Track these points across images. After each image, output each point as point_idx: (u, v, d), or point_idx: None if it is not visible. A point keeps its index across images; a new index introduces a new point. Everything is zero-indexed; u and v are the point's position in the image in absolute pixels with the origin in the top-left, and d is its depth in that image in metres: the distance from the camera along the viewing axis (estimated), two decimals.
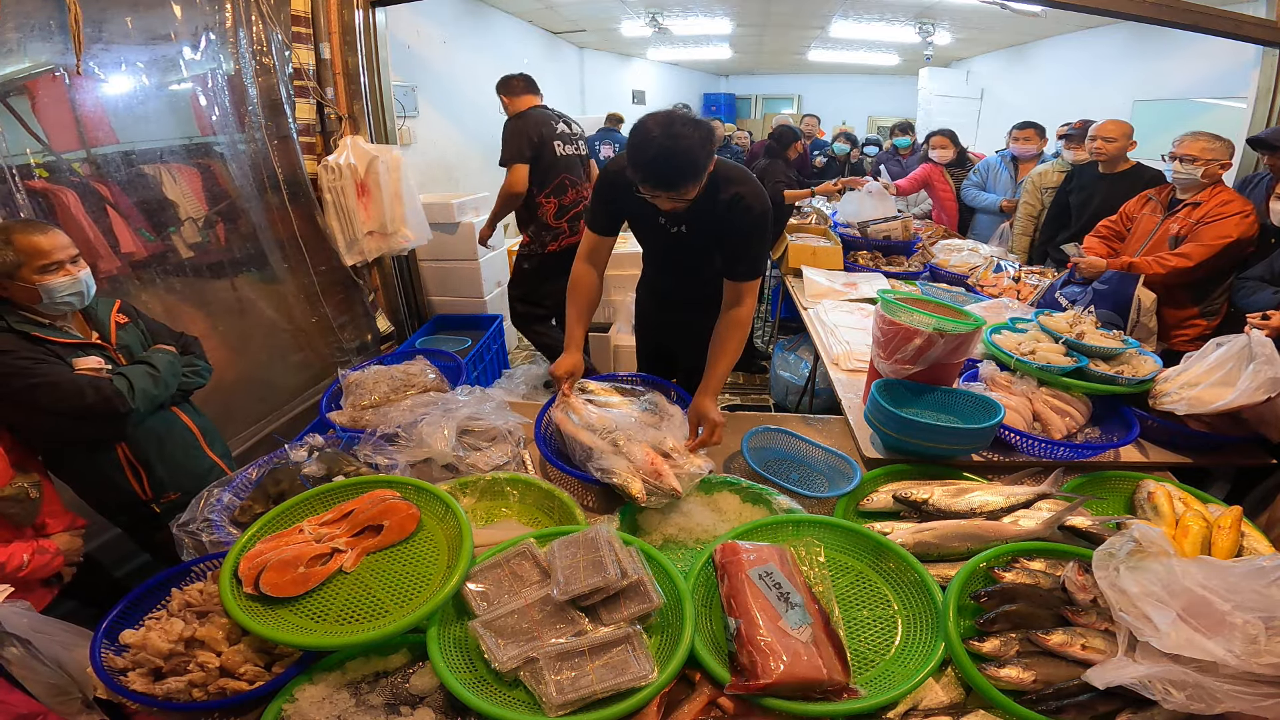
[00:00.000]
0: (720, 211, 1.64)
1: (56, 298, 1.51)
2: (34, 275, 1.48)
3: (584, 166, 3.25)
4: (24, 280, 1.47)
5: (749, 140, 6.97)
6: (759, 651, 0.95)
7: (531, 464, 1.67)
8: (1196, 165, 2.31)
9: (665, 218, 1.73)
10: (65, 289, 1.52)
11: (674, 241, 1.79)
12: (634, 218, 1.85)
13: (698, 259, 1.84)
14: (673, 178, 1.45)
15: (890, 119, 7.12)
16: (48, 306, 1.52)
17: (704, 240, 1.75)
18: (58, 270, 1.51)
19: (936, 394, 1.72)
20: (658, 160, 1.43)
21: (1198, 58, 4.59)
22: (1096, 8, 3.15)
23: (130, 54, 2.28)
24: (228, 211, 2.68)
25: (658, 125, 1.43)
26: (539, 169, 3.08)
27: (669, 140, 1.41)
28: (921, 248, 3.62)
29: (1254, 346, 1.57)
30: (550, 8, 6.24)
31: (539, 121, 3.06)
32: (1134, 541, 1.05)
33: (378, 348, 3.57)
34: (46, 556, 1.47)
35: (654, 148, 1.42)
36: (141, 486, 1.69)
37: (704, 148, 1.45)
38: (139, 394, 1.57)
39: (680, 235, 1.77)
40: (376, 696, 1.00)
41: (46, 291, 1.49)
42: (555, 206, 3.11)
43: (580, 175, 3.19)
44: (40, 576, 1.48)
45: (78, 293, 1.55)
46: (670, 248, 1.84)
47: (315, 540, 1.17)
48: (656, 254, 1.99)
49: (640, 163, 1.45)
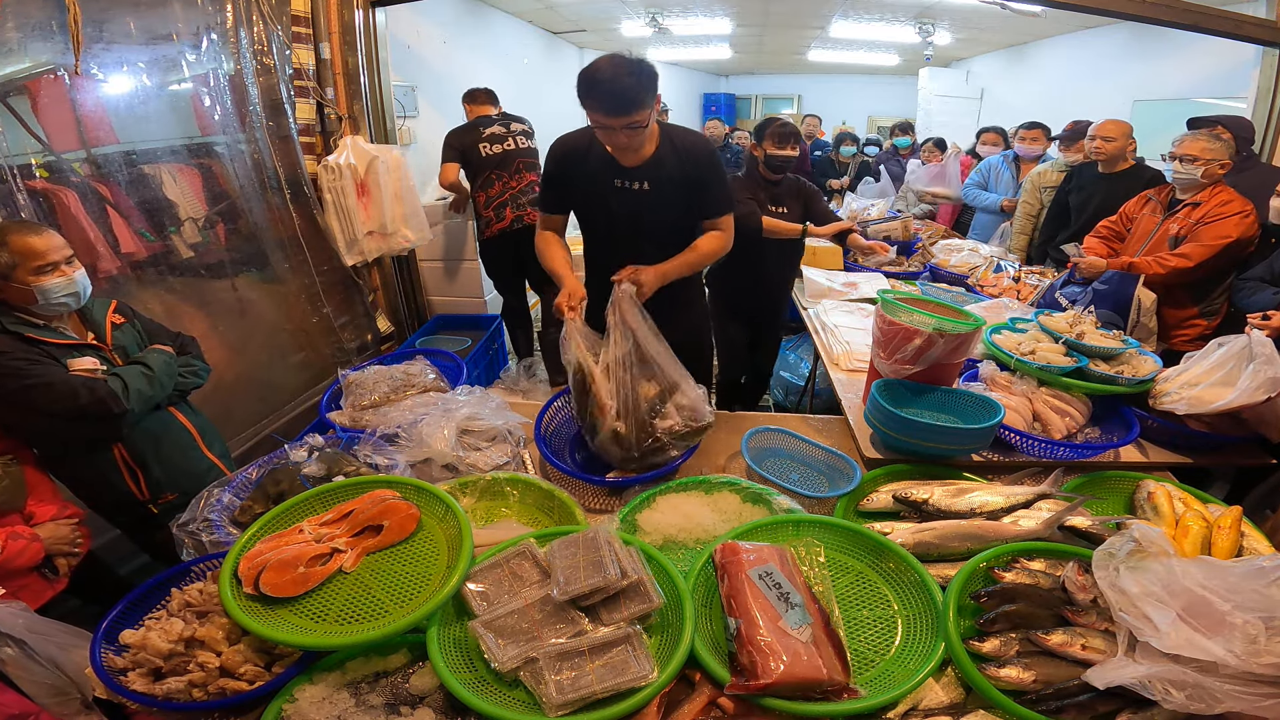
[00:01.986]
0: (680, 158, 1.78)
1: (52, 299, 1.51)
2: (29, 276, 1.48)
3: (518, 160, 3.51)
4: (19, 281, 1.47)
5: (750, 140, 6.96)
6: (759, 651, 0.94)
7: (531, 464, 1.67)
8: (1197, 165, 2.31)
9: (624, 178, 1.78)
10: (61, 290, 1.52)
11: (636, 202, 1.80)
12: (589, 192, 1.84)
13: (662, 215, 1.82)
14: (626, 97, 1.57)
15: (890, 119, 7.12)
16: (43, 308, 1.52)
17: (668, 190, 1.80)
18: (53, 271, 1.50)
19: (936, 394, 1.72)
20: (610, 83, 1.55)
21: (1198, 58, 4.59)
22: (1096, 8, 3.15)
23: (131, 54, 2.29)
24: (228, 211, 2.68)
25: (605, 61, 1.58)
26: (469, 169, 3.51)
27: (616, 68, 1.56)
28: (921, 248, 3.62)
29: (1254, 346, 1.57)
30: (550, 8, 6.24)
31: (466, 130, 3.50)
32: (1134, 541, 1.05)
33: (378, 348, 3.57)
34: (21, 543, 1.43)
35: (604, 74, 1.56)
36: (138, 487, 1.68)
37: (648, 74, 1.59)
38: (134, 394, 1.57)
39: (643, 192, 1.80)
40: (376, 696, 1.00)
41: (42, 293, 1.49)
42: (484, 198, 3.50)
43: (509, 168, 3.48)
44: (19, 565, 1.44)
45: (73, 293, 1.55)
46: (633, 213, 1.81)
47: (315, 540, 1.17)
48: (616, 222, 1.83)
49: (593, 90, 1.57)
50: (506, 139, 3.47)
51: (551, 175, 1.86)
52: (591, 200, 1.86)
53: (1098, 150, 2.96)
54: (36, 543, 1.48)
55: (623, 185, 1.79)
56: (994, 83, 7.98)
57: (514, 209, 3.44)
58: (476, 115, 3.56)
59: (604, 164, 1.78)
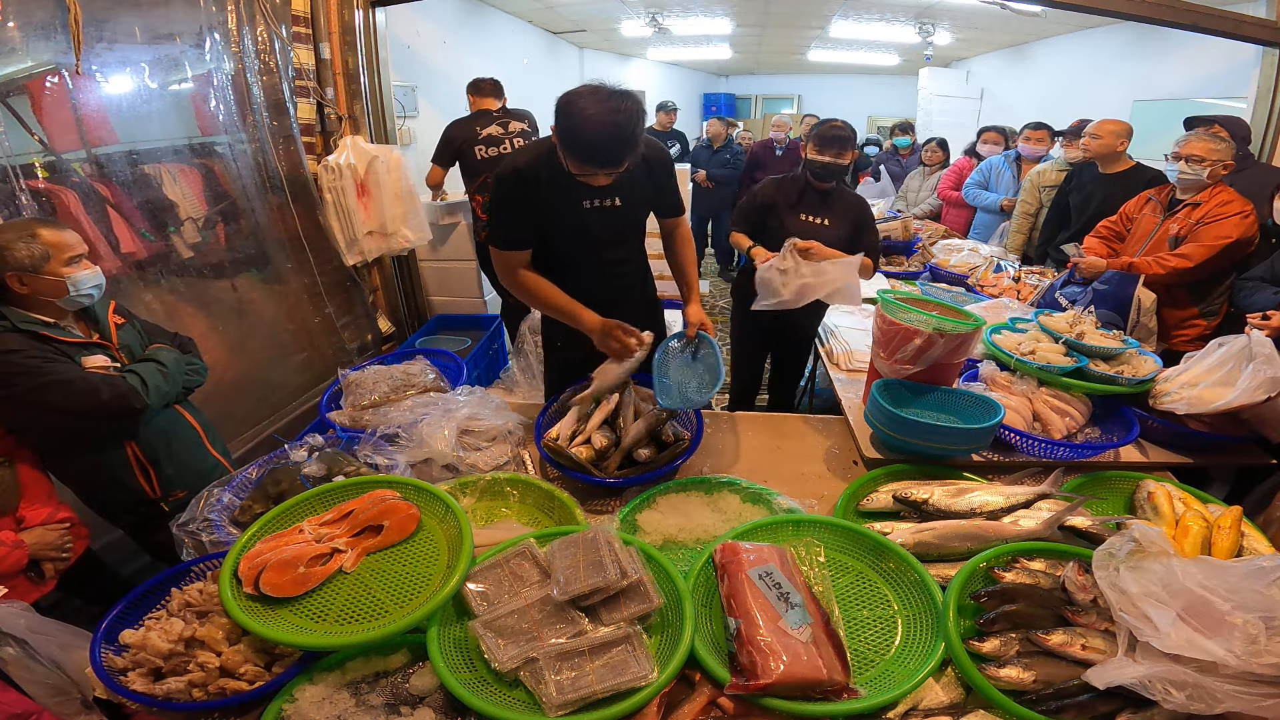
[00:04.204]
0: (648, 165, 1.67)
1: (83, 289, 1.54)
2: (62, 268, 1.50)
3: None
4: (51, 273, 1.48)
5: (750, 140, 6.97)
6: (759, 651, 0.95)
7: (531, 464, 1.67)
8: (1203, 166, 2.30)
9: (594, 197, 1.64)
10: (89, 280, 1.55)
11: (613, 220, 1.71)
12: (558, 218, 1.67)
13: (627, 225, 1.78)
14: (619, 153, 1.42)
15: (890, 119, 7.13)
16: (69, 301, 1.53)
17: (637, 201, 1.73)
18: (79, 263, 1.53)
19: (936, 394, 1.72)
20: (602, 138, 1.38)
21: (1198, 58, 4.58)
22: (1096, 8, 3.15)
23: (133, 53, 2.28)
24: (229, 211, 2.68)
25: (593, 102, 1.37)
26: (465, 171, 3.48)
27: (610, 115, 1.37)
28: (921, 248, 3.63)
29: (1254, 346, 1.57)
30: (550, 8, 6.24)
31: (465, 123, 3.43)
32: (1134, 541, 1.05)
33: (378, 348, 3.57)
34: (3, 550, 1.41)
35: (594, 125, 1.37)
36: (151, 485, 1.69)
37: (641, 116, 1.43)
38: (152, 390, 1.58)
39: (616, 209, 1.68)
40: (376, 696, 1.00)
41: (74, 284, 1.51)
42: (482, 201, 3.43)
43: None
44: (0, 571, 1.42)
45: (98, 285, 1.58)
46: (615, 232, 1.75)
47: (315, 540, 1.17)
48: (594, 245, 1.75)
49: (581, 143, 1.40)
50: (503, 141, 3.42)
51: (508, 209, 1.64)
52: (563, 227, 1.68)
53: (1085, 146, 2.99)
54: (19, 550, 1.45)
55: (594, 205, 1.66)
56: (994, 83, 7.97)
57: None
58: (479, 108, 3.51)
59: (567, 187, 1.60)
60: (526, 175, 1.60)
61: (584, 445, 1.57)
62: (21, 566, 1.47)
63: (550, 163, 1.56)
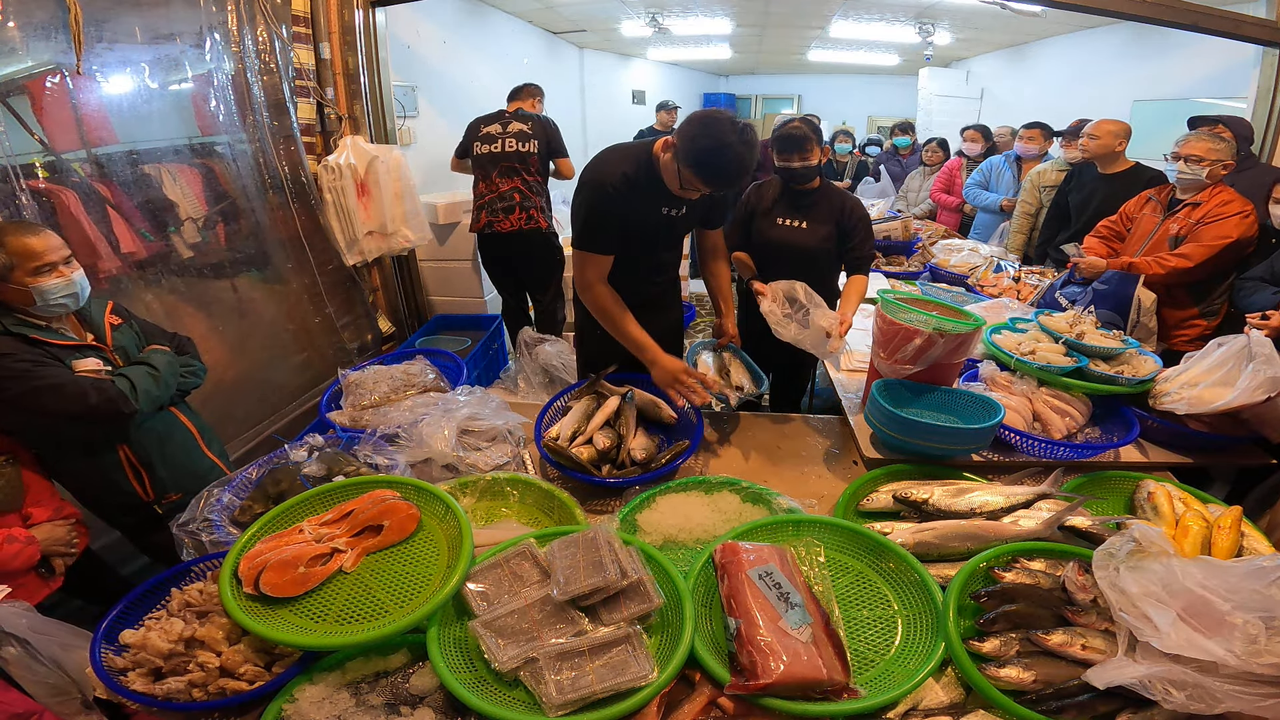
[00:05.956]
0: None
1: (50, 300, 1.50)
2: (26, 278, 1.46)
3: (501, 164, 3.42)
4: (16, 283, 1.46)
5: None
6: (759, 651, 0.95)
7: (531, 464, 1.67)
8: (1203, 166, 2.30)
9: (671, 205, 1.79)
10: (59, 291, 1.50)
11: (678, 226, 1.87)
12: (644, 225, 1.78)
13: (682, 232, 1.96)
14: (739, 179, 1.58)
15: (890, 119, 7.12)
16: (42, 309, 1.50)
17: (697, 211, 1.90)
18: (50, 272, 1.49)
19: (936, 394, 1.72)
20: (735, 165, 1.53)
21: (1197, 58, 4.58)
22: (1096, 8, 3.15)
23: (133, 54, 2.29)
24: (229, 211, 2.68)
25: (731, 131, 1.51)
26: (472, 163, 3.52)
27: (744, 147, 1.52)
28: (921, 248, 3.63)
29: (1254, 346, 1.57)
30: (550, 8, 6.24)
31: (478, 120, 3.49)
32: (1134, 541, 1.05)
33: (378, 348, 3.57)
34: (16, 545, 1.42)
35: (731, 154, 1.51)
36: (143, 488, 1.68)
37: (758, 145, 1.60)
38: (142, 394, 1.56)
39: (681, 216, 1.84)
40: (376, 696, 1.00)
41: (40, 294, 1.48)
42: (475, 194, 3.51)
43: (492, 171, 3.41)
44: (15, 567, 1.43)
45: (72, 294, 1.53)
46: (672, 236, 1.93)
47: (315, 540, 1.17)
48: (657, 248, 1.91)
49: (713, 166, 1.54)
50: (497, 140, 3.42)
51: (604, 214, 1.70)
52: (646, 232, 1.80)
53: (1084, 146, 2.99)
54: (32, 545, 1.47)
55: (669, 212, 1.80)
56: (994, 83, 7.97)
57: (489, 214, 3.39)
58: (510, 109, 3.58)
59: (651, 194, 1.72)
60: (632, 179, 1.68)
61: (585, 445, 1.57)
62: (35, 562, 1.48)
63: (648, 169, 1.69)
